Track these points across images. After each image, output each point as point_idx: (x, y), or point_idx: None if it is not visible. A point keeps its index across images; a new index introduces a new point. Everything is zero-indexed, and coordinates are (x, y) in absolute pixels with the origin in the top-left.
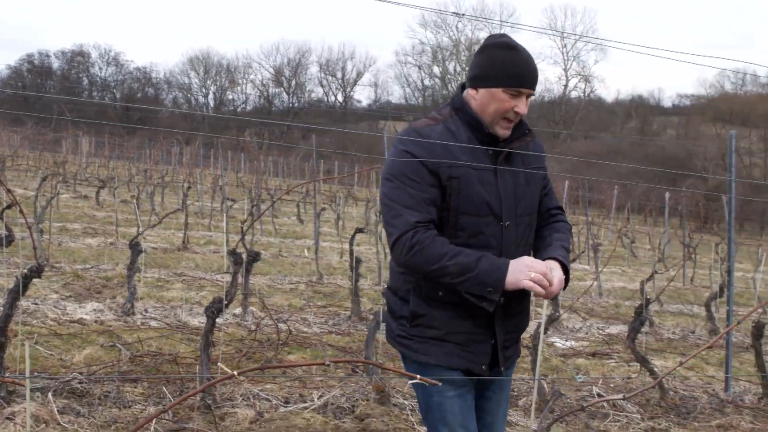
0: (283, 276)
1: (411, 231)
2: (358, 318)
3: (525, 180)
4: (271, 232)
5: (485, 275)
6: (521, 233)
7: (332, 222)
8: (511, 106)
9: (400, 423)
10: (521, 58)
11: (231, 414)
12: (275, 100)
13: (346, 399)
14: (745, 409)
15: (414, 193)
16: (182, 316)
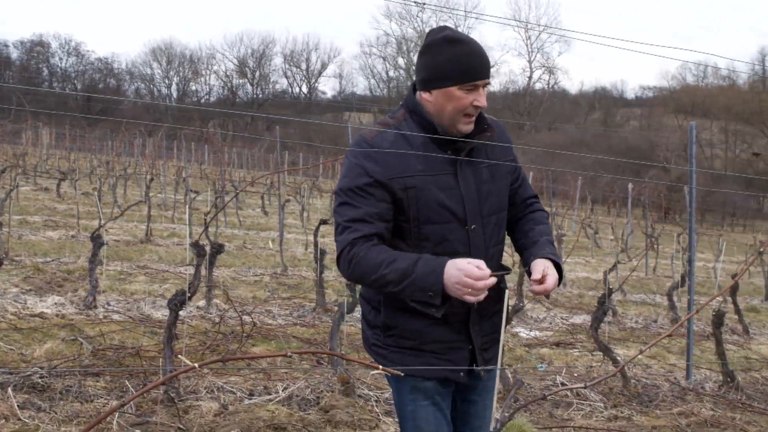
0: (247, 268)
1: (348, 247)
2: (323, 309)
3: (490, 176)
4: (235, 224)
5: (423, 278)
6: (490, 234)
7: (297, 214)
8: (470, 101)
9: (365, 414)
10: (469, 50)
11: (195, 407)
12: (239, 92)
13: (311, 391)
14: (706, 396)
15: (362, 208)
16: (145, 309)
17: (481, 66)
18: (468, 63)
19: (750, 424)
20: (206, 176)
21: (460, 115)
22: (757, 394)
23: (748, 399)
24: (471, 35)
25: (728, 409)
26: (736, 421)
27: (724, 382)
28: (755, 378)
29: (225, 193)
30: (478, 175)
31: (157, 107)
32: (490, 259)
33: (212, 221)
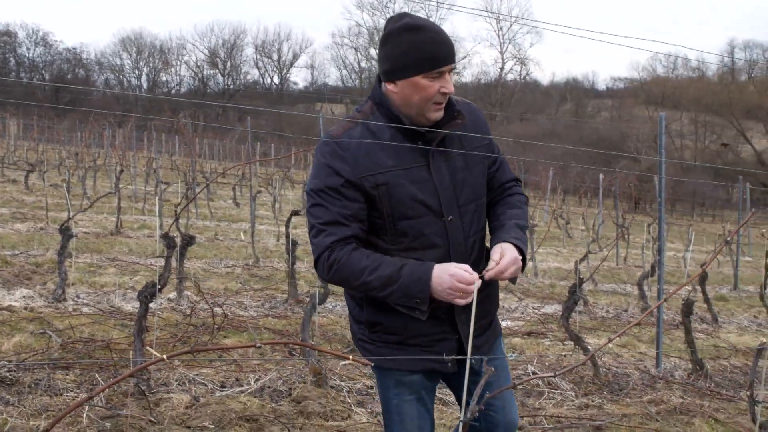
0: (219, 260)
1: (326, 251)
2: (295, 301)
3: (465, 164)
4: (206, 215)
5: (408, 286)
6: (469, 223)
7: (269, 205)
8: (436, 89)
9: (338, 405)
10: (431, 37)
11: (166, 399)
12: (210, 82)
13: (282, 382)
14: (675, 384)
15: (335, 210)
16: (116, 302)
17: (445, 52)
18: (431, 50)
19: (718, 411)
20: (177, 167)
21: (429, 103)
22: (726, 381)
23: (717, 386)
24: (443, 26)
25: (697, 397)
26: (705, 408)
27: (693, 370)
28: (723, 366)
29: (196, 185)
30: (452, 164)
31: (127, 98)
32: (470, 248)
33: (183, 213)
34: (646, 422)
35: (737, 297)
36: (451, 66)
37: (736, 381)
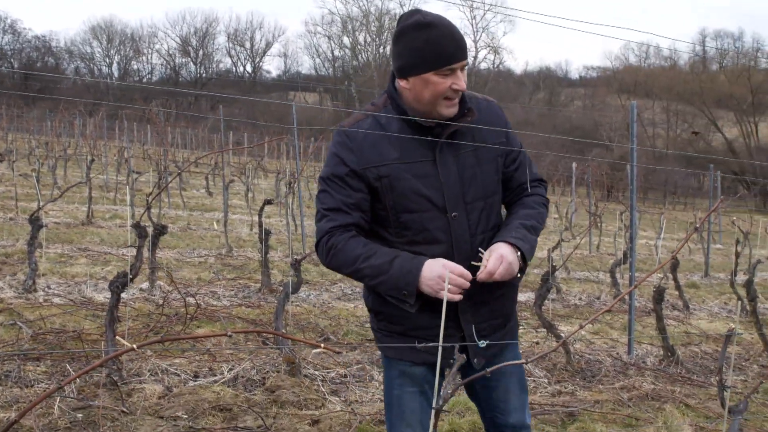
0: (191, 249)
1: (326, 236)
2: (268, 290)
3: (476, 160)
4: (179, 205)
5: (397, 279)
6: (475, 221)
7: (242, 194)
8: (448, 85)
9: (311, 394)
10: (442, 33)
11: (138, 390)
12: (182, 71)
13: (256, 371)
14: (647, 370)
15: (339, 197)
16: (87, 292)
17: (456, 49)
18: (442, 47)
19: (689, 397)
20: (149, 157)
21: (440, 99)
22: (696, 367)
23: (688, 372)
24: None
25: (668, 383)
26: (676, 394)
27: (665, 357)
28: (694, 352)
29: (168, 174)
30: (462, 160)
31: (97, 86)
32: (476, 246)
33: (156, 202)
34: (619, 408)
35: (708, 284)
36: (463, 63)
37: (706, 367)
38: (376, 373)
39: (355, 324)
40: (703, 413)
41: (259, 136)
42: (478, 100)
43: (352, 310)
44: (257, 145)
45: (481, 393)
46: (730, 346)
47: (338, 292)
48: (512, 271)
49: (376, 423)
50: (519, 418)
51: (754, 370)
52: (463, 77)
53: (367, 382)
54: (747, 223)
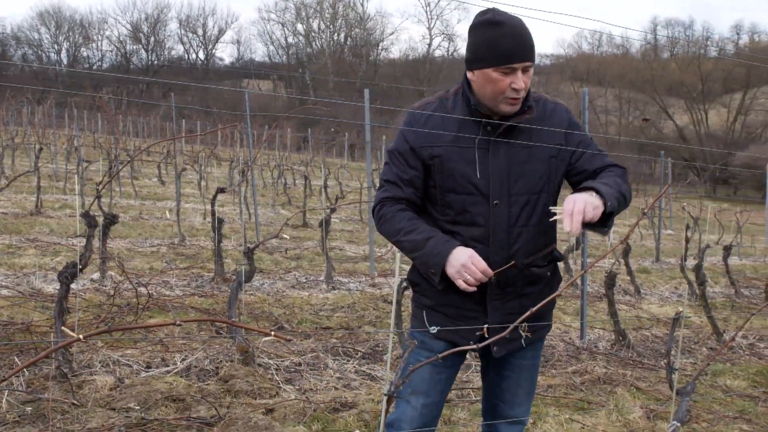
0: (143, 239)
1: (379, 205)
2: (221, 279)
3: (528, 157)
4: (130, 194)
5: (428, 256)
6: (516, 213)
7: (195, 183)
8: (507, 83)
9: (265, 383)
10: (507, 33)
11: (89, 381)
12: (133, 58)
13: (209, 361)
14: (599, 355)
15: (396, 171)
16: (36, 283)
17: (518, 49)
18: (505, 46)
19: (640, 380)
20: (100, 145)
21: (500, 96)
22: (647, 351)
23: (639, 356)
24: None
25: (620, 366)
26: (627, 377)
27: (616, 341)
28: (645, 336)
29: (119, 163)
30: (513, 153)
31: (46, 73)
32: (514, 237)
33: (106, 192)
34: (571, 392)
35: (659, 269)
36: (525, 64)
37: (657, 350)
38: (331, 361)
39: (309, 312)
40: (654, 396)
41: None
42: (546, 101)
43: (306, 299)
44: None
45: (494, 378)
46: (678, 329)
47: (292, 280)
48: (597, 212)
49: (330, 411)
50: (519, 412)
51: (703, 352)
52: (524, 77)
53: (321, 371)
54: (697, 208)
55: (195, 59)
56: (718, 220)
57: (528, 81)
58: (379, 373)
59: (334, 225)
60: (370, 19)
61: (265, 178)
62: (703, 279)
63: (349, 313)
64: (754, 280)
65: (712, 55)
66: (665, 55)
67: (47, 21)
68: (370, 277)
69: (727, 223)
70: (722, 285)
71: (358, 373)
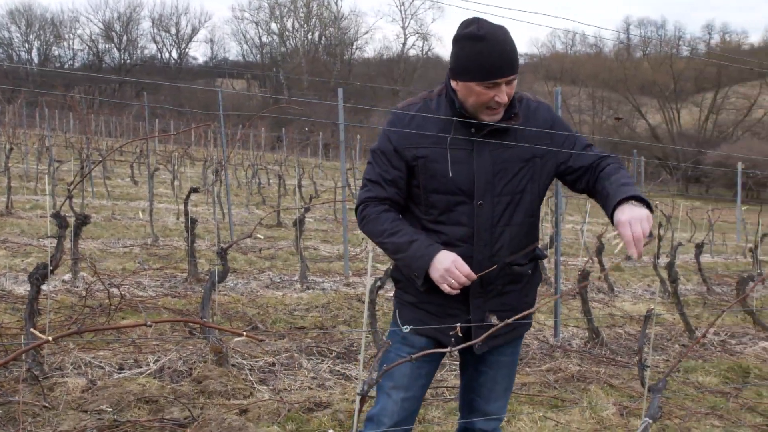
0: (116, 239)
1: (362, 204)
2: (195, 279)
3: (511, 157)
4: (103, 194)
5: (411, 260)
6: (500, 213)
7: (168, 183)
8: (490, 97)
9: (239, 383)
10: (491, 49)
11: (61, 384)
12: (105, 57)
13: (183, 362)
14: (573, 352)
15: (378, 171)
16: (6, 285)
17: (502, 64)
18: (488, 62)
19: (613, 377)
20: (71, 145)
21: (482, 107)
22: (621, 348)
23: (612, 353)
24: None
25: (593, 364)
26: (601, 375)
27: (590, 339)
28: (619, 333)
29: (91, 163)
30: (497, 154)
31: (17, 72)
32: (497, 236)
33: (78, 192)
34: (545, 390)
35: (632, 267)
36: (508, 78)
37: (630, 348)
38: (305, 360)
39: (283, 312)
40: (627, 393)
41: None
42: (528, 100)
43: (280, 299)
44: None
45: (472, 374)
46: (650, 327)
47: (266, 280)
48: (647, 218)
49: (304, 411)
50: (496, 408)
51: (676, 349)
52: (507, 89)
53: (295, 370)
54: (669, 207)
55: (168, 58)
56: (690, 219)
57: (512, 91)
58: (353, 373)
59: (308, 224)
60: (344, 18)
61: (239, 177)
62: (675, 277)
63: (323, 312)
64: (726, 278)
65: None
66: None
67: (17, 19)
68: (344, 277)
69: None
70: (694, 282)
71: (333, 373)
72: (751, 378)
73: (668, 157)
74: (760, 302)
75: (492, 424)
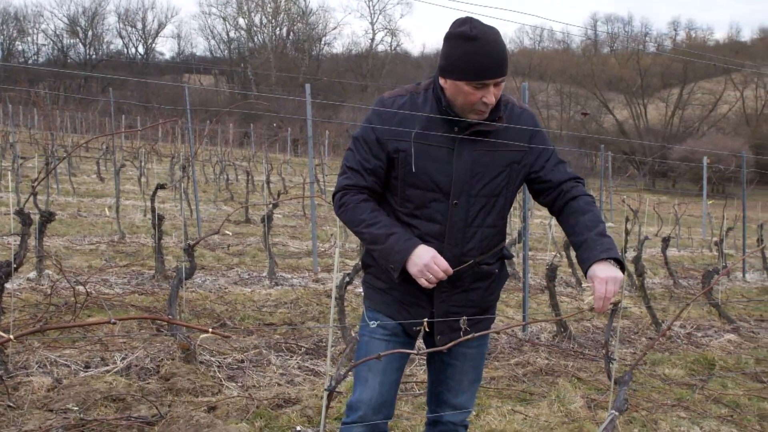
0: (82, 236)
1: (341, 192)
2: (162, 276)
3: (490, 160)
4: (69, 191)
5: (389, 252)
6: (474, 214)
7: (135, 179)
8: (478, 97)
9: (207, 380)
10: (482, 50)
11: (25, 383)
12: (71, 52)
13: (150, 360)
14: (541, 346)
15: (359, 159)
16: None
17: (492, 66)
18: (477, 62)
19: (581, 371)
20: (36, 141)
21: (470, 107)
22: (588, 342)
23: (580, 347)
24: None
25: (561, 358)
26: (569, 368)
27: (558, 333)
28: (586, 327)
29: (56, 159)
30: (477, 156)
31: None
32: (470, 236)
33: (43, 189)
34: (514, 384)
35: None
36: (497, 80)
37: (598, 341)
38: (274, 357)
39: (252, 309)
40: (594, 386)
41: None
42: (513, 105)
43: (249, 295)
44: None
45: (439, 366)
46: (616, 320)
47: (235, 277)
48: (619, 282)
49: (273, 407)
50: (463, 401)
51: (643, 342)
52: (495, 91)
53: (264, 367)
54: (636, 201)
55: (134, 54)
56: (656, 213)
57: (499, 93)
58: (322, 369)
59: (276, 221)
60: (312, 13)
61: (207, 174)
62: (642, 270)
63: (292, 309)
64: (692, 271)
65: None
66: (605, 51)
67: None
68: (313, 273)
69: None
70: (661, 276)
71: (302, 369)
72: (717, 370)
73: (635, 152)
74: (726, 295)
75: (460, 416)
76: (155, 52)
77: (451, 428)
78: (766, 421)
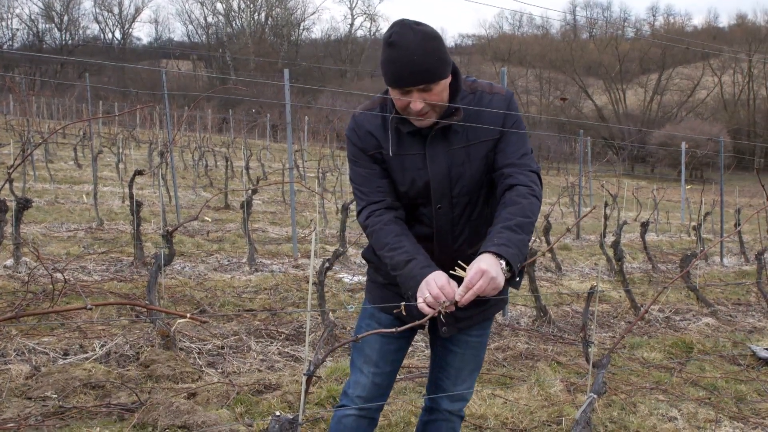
0: (60, 224)
1: (362, 213)
2: (141, 263)
3: (466, 157)
4: (46, 178)
5: (405, 279)
6: (459, 213)
7: (113, 166)
8: (406, 103)
9: (187, 367)
10: (398, 58)
11: (3, 371)
12: (46, 37)
13: (129, 346)
14: (521, 331)
15: (362, 172)
16: None
17: (409, 74)
18: (395, 70)
19: (561, 355)
20: (11, 128)
21: (404, 112)
22: (568, 326)
23: (559, 331)
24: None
25: (541, 342)
26: (549, 353)
27: (538, 317)
28: (566, 311)
29: (32, 145)
30: (452, 155)
31: None
32: (458, 233)
33: (20, 175)
34: (494, 368)
35: (579, 246)
36: (418, 87)
37: (577, 325)
38: (254, 343)
39: (231, 295)
40: (574, 369)
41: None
42: (483, 94)
43: (228, 281)
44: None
45: (440, 352)
46: (593, 304)
47: (214, 263)
48: (496, 284)
49: (254, 393)
50: (462, 389)
51: (622, 326)
52: (427, 95)
53: (244, 353)
54: (615, 186)
55: (111, 39)
56: (635, 198)
57: (435, 97)
58: (302, 354)
59: (256, 207)
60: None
61: (186, 160)
62: (620, 255)
63: (272, 295)
64: (671, 255)
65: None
66: (584, 36)
67: None
68: (293, 259)
69: (645, 200)
70: (640, 260)
71: (282, 355)
72: (694, 353)
73: (614, 137)
74: (704, 279)
75: (457, 405)
76: (132, 37)
77: (447, 416)
78: (743, 403)
